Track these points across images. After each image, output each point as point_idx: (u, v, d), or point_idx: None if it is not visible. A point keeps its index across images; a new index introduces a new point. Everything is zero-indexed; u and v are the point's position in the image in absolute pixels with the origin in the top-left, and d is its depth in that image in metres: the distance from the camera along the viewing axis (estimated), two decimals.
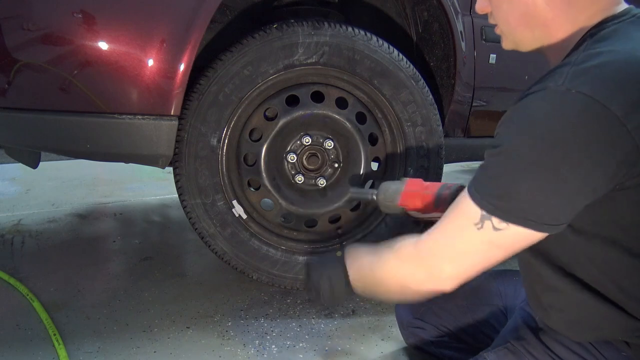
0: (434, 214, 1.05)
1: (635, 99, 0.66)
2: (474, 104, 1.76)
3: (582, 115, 0.67)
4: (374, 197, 1.14)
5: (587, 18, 0.79)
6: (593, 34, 0.77)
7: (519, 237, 0.73)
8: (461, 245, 0.78)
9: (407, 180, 1.11)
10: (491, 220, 0.73)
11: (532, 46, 0.86)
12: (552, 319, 0.89)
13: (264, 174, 1.50)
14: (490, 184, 0.74)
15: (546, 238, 0.75)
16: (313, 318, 1.49)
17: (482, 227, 0.74)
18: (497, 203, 0.72)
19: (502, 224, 0.72)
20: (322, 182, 1.54)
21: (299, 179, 1.53)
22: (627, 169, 0.68)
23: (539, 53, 0.87)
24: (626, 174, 0.68)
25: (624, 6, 0.81)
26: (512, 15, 0.84)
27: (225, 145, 1.45)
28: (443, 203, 1.02)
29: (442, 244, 0.80)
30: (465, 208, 0.77)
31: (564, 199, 0.70)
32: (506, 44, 0.90)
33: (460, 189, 1.00)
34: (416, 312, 1.23)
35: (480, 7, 0.90)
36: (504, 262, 0.85)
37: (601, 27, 0.77)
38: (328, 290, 0.99)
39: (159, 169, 1.44)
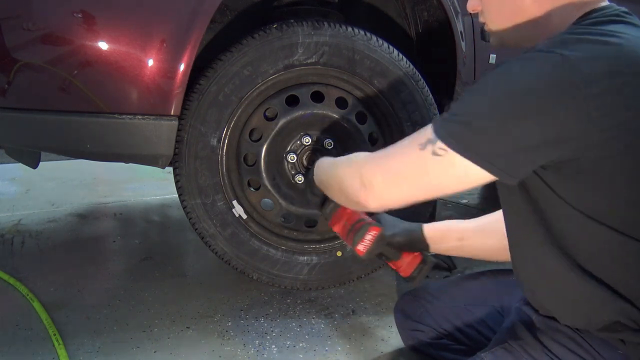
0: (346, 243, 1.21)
1: (605, 71, 0.69)
2: None
3: (554, 71, 0.70)
4: (320, 208, 1.26)
5: (574, 11, 0.82)
6: (580, 22, 0.80)
7: (454, 168, 0.75)
8: (397, 163, 0.82)
9: (340, 207, 1.19)
10: (434, 145, 0.76)
11: (519, 43, 0.89)
12: (540, 301, 0.90)
13: (264, 174, 1.50)
14: (452, 113, 0.77)
15: (543, 213, 0.78)
16: (313, 318, 1.49)
17: (423, 148, 0.77)
18: (449, 128, 0.75)
19: (441, 150, 0.75)
20: None
21: (299, 179, 1.53)
22: (579, 133, 0.69)
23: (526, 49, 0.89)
24: (579, 139, 0.70)
25: (605, 2, 0.83)
26: (501, 12, 0.87)
27: (225, 145, 1.45)
28: (351, 237, 1.12)
29: (383, 157, 0.85)
30: (421, 131, 0.81)
31: (516, 144, 0.72)
32: (495, 42, 0.93)
33: (369, 229, 1.10)
34: (414, 314, 1.23)
35: (472, 5, 0.93)
36: (505, 263, 0.85)
37: (585, 18, 0.80)
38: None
39: (159, 169, 1.44)
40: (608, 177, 0.73)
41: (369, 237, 1.09)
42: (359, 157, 0.93)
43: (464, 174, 0.75)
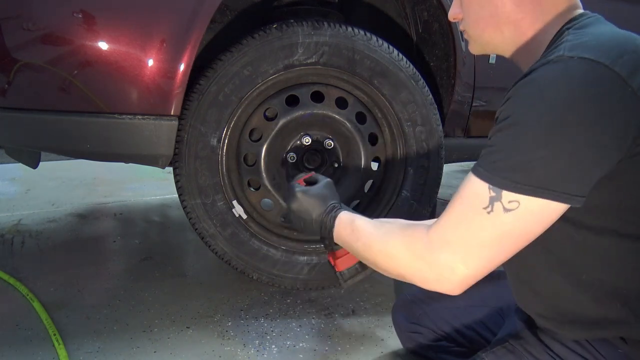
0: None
1: (634, 64, 0.67)
2: (474, 104, 1.76)
3: (589, 76, 0.66)
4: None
5: (557, 17, 0.82)
6: (570, 26, 0.79)
7: (533, 213, 0.68)
8: (473, 236, 0.71)
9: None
10: (501, 201, 0.68)
11: (501, 49, 0.88)
12: (539, 319, 0.90)
13: (264, 174, 1.50)
14: (499, 157, 0.70)
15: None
16: (313, 318, 1.49)
17: (492, 210, 0.69)
18: (508, 175, 0.68)
19: (512, 203, 0.68)
20: None
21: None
22: (636, 131, 0.67)
23: (509, 59, 0.89)
24: (636, 138, 0.67)
25: (581, 10, 0.84)
26: (481, 16, 0.87)
27: (225, 145, 1.45)
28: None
29: (453, 240, 0.73)
30: (472, 191, 0.72)
31: (580, 165, 0.66)
32: (474, 48, 0.91)
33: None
34: (412, 316, 1.23)
35: (453, 13, 0.93)
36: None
37: (576, 22, 0.80)
38: (306, 228, 1.03)
39: (159, 169, 1.44)
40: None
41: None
42: (420, 243, 0.78)
43: (545, 214, 0.69)
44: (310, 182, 1.13)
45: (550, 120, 0.66)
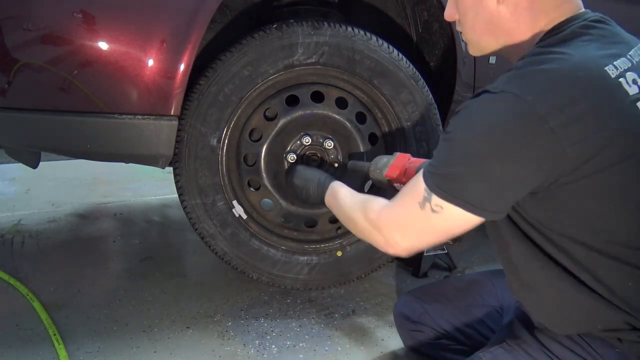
0: None
1: (562, 102, 0.72)
2: None
3: (509, 112, 0.74)
4: (369, 168, 1.25)
5: (546, 24, 0.84)
6: (543, 38, 0.84)
7: (452, 218, 0.80)
8: (408, 221, 0.87)
9: (397, 154, 1.20)
10: (430, 202, 0.81)
11: (495, 52, 0.93)
12: (532, 312, 0.91)
13: (264, 174, 1.50)
14: (434, 165, 0.82)
15: (530, 225, 0.82)
16: (313, 318, 1.49)
17: (423, 207, 0.82)
18: (439, 182, 0.80)
19: (438, 207, 0.80)
20: None
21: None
22: (553, 164, 0.73)
23: (501, 55, 0.94)
24: (553, 170, 0.74)
25: (581, 9, 0.86)
26: (477, 23, 0.90)
27: (225, 145, 1.45)
28: None
29: (394, 218, 0.90)
30: (416, 185, 0.85)
31: (492, 187, 0.77)
32: (472, 51, 0.96)
33: None
34: (414, 314, 1.23)
35: (449, 14, 0.97)
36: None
37: (553, 32, 0.83)
38: (308, 194, 1.28)
39: (159, 169, 1.44)
40: (584, 197, 0.77)
41: None
42: (373, 215, 0.95)
43: (463, 221, 0.80)
44: None
45: (472, 145, 0.77)
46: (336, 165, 1.56)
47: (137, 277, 1.72)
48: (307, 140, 1.51)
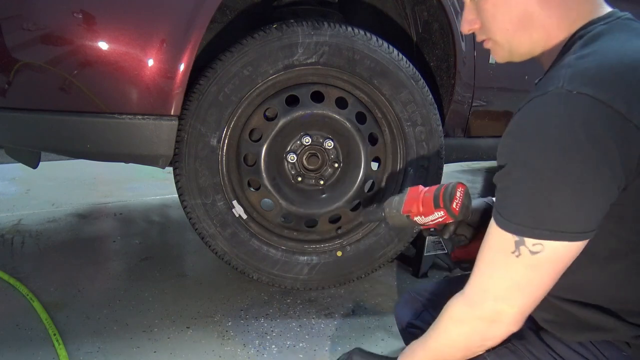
0: (437, 215, 1.05)
1: (636, 94, 0.67)
2: (474, 104, 1.76)
3: (589, 116, 0.66)
4: (383, 213, 1.13)
5: (578, 18, 0.80)
6: (582, 35, 0.78)
7: (557, 253, 0.71)
8: (508, 281, 0.74)
9: (408, 189, 1.13)
10: (525, 244, 0.71)
11: (528, 52, 0.86)
12: (542, 322, 0.90)
13: (264, 174, 1.50)
14: (514, 203, 0.72)
15: None
16: (313, 318, 1.49)
17: (519, 254, 0.72)
18: (527, 223, 0.70)
19: (537, 246, 0.70)
20: (322, 182, 1.55)
21: (299, 179, 1.53)
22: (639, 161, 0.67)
23: (533, 59, 0.87)
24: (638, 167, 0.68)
25: (607, 9, 0.82)
26: (510, 21, 0.84)
27: (225, 145, 1.45)
28: (441, 200, 1.03)
29: (489, 287, 0.77)
30: (497, 239, 0.75)
31: (592, 202, 0.68)
32: (501, 55, 0.89)
33: (456, 185, 1.00)
34: (415, 313, 1.23)
35: (468, 26, 0.89)
36: None
37: (589, 29, 0.78)
38: None
39: (159, 169, 1.44)
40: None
41: (459, 193, 1.07)
42: (459, 307, 0.82)
43: (569, 253, 0.71)
44: None
45: (558, 164, 0.67)
46: (336, 165, 1.56)
47: (137, 277, 1.72)
48: (307, 140, 1.51)
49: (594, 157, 0.66)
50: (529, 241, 0.70)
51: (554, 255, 0.71)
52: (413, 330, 1.24)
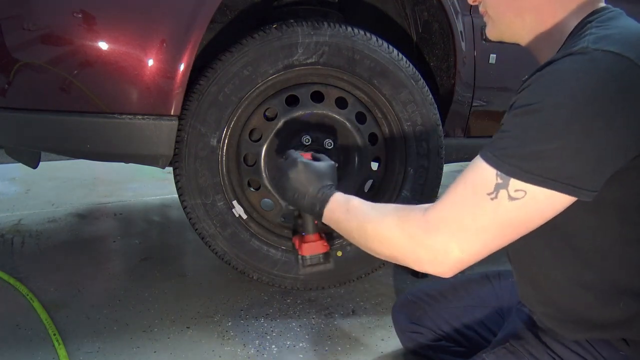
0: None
1: None
2: (474, 104, 1.76)
3: (613, 70, 0.65)
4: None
5: (580, 7, 0.79)
6: (593, 19, 0.77)
7: (537, 204, 0.67)
8: (472, 222, 0.70)
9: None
10: (507, 188, 0.67)
11: (519, 36, 0.85)
12: (542, 317, 0.90)
13: (264, 174, 1.50)
14: (513, 144, 0.68)
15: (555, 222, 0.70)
16: (313, 318, 1.49)
17: (495, 197, 0.68)
18: (519, 164, 0.67)
19: (519, 192, 0.67)
20: None
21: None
22: None
23: (529, 49, 0.86)
24: None
25: (604, 3, 0.82)
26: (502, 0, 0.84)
27: (225, 145, 1.45)
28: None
29: (450, 221, 0.72)
30: (479, 176, 0.70)
31: (595, 159, 0.65)
32: (492, 32, 0.88)
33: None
34: (412, 316, 1.23)
35: None
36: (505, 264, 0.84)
37: (597, 16, 0.78)
38: (296, 202, 1.00)
39: (159, 169, 1.45)
40: None
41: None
42: (415, 221, 0.77)
43: (549, 206, 0.68)
44: (315, 159, 1.12)
45: (570, 112, 0.65)
46: (336, 165, 1.56)
47: (137, 277, 1.72)
48: (307, 140, 1.51)
49: (611, 112, 0.64)
50: (513, 184, 0.67)
51: (532, 205, 0.68)
52: (411, 334, 1.24)
